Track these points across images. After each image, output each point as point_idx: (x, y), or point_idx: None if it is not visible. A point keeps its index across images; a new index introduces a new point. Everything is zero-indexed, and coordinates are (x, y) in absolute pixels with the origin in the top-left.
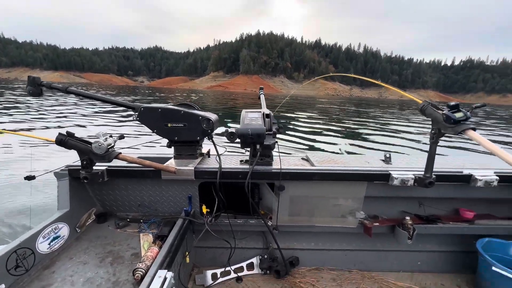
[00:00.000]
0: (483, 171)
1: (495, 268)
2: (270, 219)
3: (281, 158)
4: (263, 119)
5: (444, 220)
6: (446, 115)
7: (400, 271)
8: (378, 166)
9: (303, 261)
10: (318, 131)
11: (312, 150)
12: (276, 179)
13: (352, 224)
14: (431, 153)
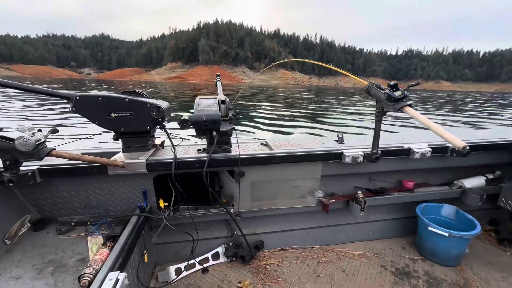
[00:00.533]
0: (419, 145)
1: (431, 228)
2: (233, 206)
3: (240, 144)
4: (218, 105)
5: (390, 191)
6: (387, 93)
7: (355, 241)
8: (332, 146)
9: (268, 244)
10: (277, 117)
11: (272, 135)
12: (235, 166)
13: (311, 203)
14: (376, 130)
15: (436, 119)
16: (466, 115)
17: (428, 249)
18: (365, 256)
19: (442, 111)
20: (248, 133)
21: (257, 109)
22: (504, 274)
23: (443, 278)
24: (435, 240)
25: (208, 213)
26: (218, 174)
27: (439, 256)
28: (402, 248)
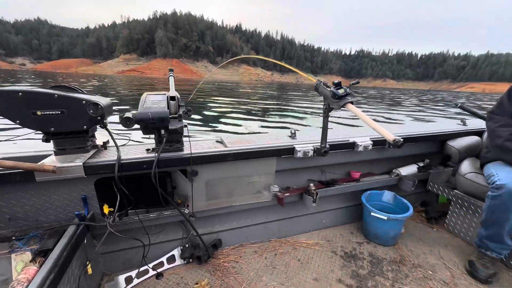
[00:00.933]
0: (362, 138)
1: (373, 213)
2: (188, 207)
3: (195, 142)
4: (167, 102)
5: (340, 182)
6: (332, 91)
7: (310, 231)
8: (285, 142)
9: (226, 241)
10: (236, 114)
11: (228, 132)
12: (187, 165)
13: (267, 198)
14: (324, 126)
15: (379, 113)
16: (405, 110)
17: (371, 232)
18: (318, 244)
19: (386, 106)
20: (204, 130)
21: (217, 106)
22: (431, 247)
23: (383, 257)
24: (377, 224)
25: (161, 216)
26: (170, 174)
27: (380, 237)
28: (351, 233)
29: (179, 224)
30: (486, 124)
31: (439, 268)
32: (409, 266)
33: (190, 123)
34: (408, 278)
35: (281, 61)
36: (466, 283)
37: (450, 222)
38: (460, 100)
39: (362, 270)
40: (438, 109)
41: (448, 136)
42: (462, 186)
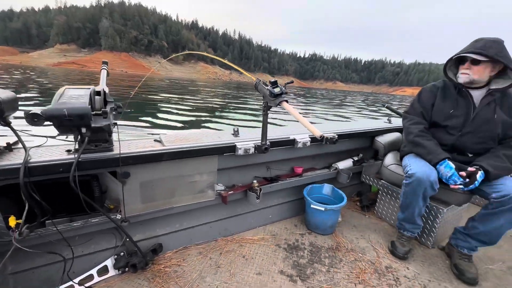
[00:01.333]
0: (301, 135)
1: (313, 205)
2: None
3: (129, 142)
4: (90, 97)
5: (284, 178)
6: (269, 90)
7: (256, 227)
8: (227, 140)
9: (169, 245)
10: (183, 112)
11: (173, 129)
12: (116, 166)
13: (211, 197)
14: (264, 123)
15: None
16: (347, 110)
17: (312, 223)
18: (263, 239)
19: (331, 106)
20: (149, 128)
21: (164, 104)
22: (362, 233)
23: (322, 245)
24: (316, 215)
25: (88, 224)
26: (98, 177)
27: (320, 227)
28: (295, 226)
29: (111, 231)
30: (402, 122)
31: (368, 250)
32: (343, 251)
33: (129, 122)
34: (342, 262)
35: (251, 65)
36: (388, 261)
37: (378, 208)
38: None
39: (303, 260)
40: (371, 109)
41: (376, 133)
42: (386, 177)
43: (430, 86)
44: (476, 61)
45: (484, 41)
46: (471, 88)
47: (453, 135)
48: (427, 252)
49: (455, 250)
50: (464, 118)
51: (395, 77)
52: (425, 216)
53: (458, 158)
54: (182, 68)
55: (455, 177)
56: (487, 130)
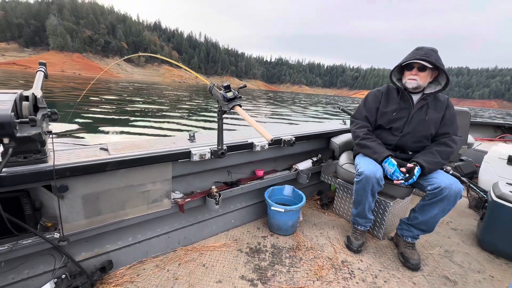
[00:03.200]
0: (259, 139)
1: (273, 207)
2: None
3: (70, 151)
4: (15, 102)
5: (245, 181)
6: (222, 94)
7: (218, 233)
8: (182, 146)
9: (121, 261)
10: (135, 117)
11: (128, 134)
12: (50, 179)
13: (167, 206)
14: (219, 127)
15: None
16: (309, 113)
17: (274, 225)
18: (225, 244)
19: (294, 109)
20: (94, 136)
21: (115, 109)
22: (322, 230)
23: (283, 246)
24: (277, 217)
25: (18, 247)
26: (28, 193)
27: (281, 228)
28: (257, 229)
29: (49, 252)
30: (349, 126)
31: (326, 247)
32: (303, 250)
33: (75, 129)
34: (301, 261)
35: (218, 69)
36: (344, 255)
37: (336, 206)
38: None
39: (264, 262)
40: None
41: (332, 134)
42: (341, 175)
43: (375, 91)
44: (422, 68)
45: (425, 50)
46: (412, 92)
47: (396, 136)
48: (378, 244)
49: (401, 240)
50: (404, 121)
51: (354, 81)
52: (375, 210)
53: (400, 156)
54: (144, 70)
55: (397, 173)
56: (421, 130)
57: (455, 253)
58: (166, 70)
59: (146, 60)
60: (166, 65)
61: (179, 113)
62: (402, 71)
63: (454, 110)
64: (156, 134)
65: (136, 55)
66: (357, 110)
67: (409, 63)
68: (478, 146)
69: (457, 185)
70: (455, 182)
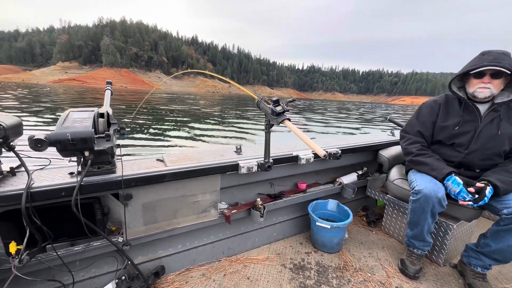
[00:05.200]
0: (304, 151)
1: (318, 223)
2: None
3: (132, 162)
4: (94, 119)
5: (288, 194)
6: (271, 108)
7: (261, 246)
8: (230, 158)
9: (172, 266)
10: (183, 129)
11: (177, 147)
12: (119, 188)
13: (214, 217)
14: (267, 141)
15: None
16: (349, 123)
17: (318, 241)
18: (268, 258)
19: (334, 118)
20: (148, 147)
21: (164, 121)
22: (370, 250)
23: (329, 265)
24: (322, 233)
25: (89, 248)
26: (100, 200)
27: (326, 245)
28: (300, 244)
29: (113, 254)
30: (400, 141)
31: (377, 269)
32: (351, 271)
33: (131, 142)
34: (350, 283)
35: (250, 78)
36: (398, 281)
37: (385, 224)
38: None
39: (309, 281)
40: (374, 122)
41: (380, 146)
42: (392, 191)
43: (431, 102)
44: (496, 74)
45: (494, 54)
46: (479, 102)
47: (460, 153)
48: (438, 271)
49: (468, 269)
50: (471, 136)
51: (393, 87)
52: (435, 232)
53: (465, 173)
54: (181, 82)
55: (464, 193)
56: (492, 147)
57: None
58: (201, 81)
59: (183, 72)
60: (201, 76)
61: (224, 123)
62: (464, 79)
63: None
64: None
65: (182, 72)
66: (409, 123)
67: (479, 71)
68: None
69: None
70: None
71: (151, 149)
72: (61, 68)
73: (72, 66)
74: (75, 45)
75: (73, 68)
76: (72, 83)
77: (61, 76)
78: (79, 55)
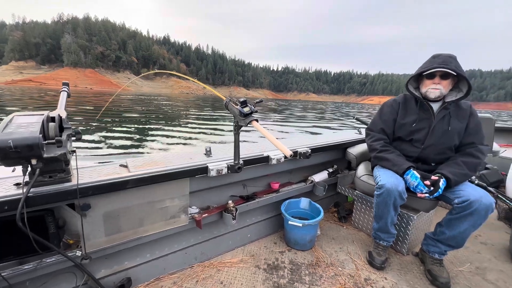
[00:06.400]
0: (275, 152)
1: (290, 222)
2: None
3: (92, 169)
4: (43, 124)
5: (261, 195)
6: (239, 109)
7: (235, 248)
8: (199, 161)
9: (139, 278)
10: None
11: (143, 153)
12: (74, 198)
13: (184, 222)
14: (236, 142)
15: (301, 127)
16: (320, 122)
17: (292, 239)
18: (243, 260)
19: (307, 119)
20: (115, 154)
21: (130, 124)
22: (341, 245)
23: (302, 262)
24: (295, 231)
25: (42, 265)
26: (53, 211)
27: (299, 243)
28: (274, 243)
29: (72, 270)
30: (365, 139)
31: (347, 263)
32: (323, 267)
33: (94, 147)
34: (322, 278)
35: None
36: (367, 273)
37: (355, 219)
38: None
39: (283, 280)
40: (342, 121)
41: (348, 144)
42: (359, 187)
43: (391, 102)
44: (445, 75)
45: (443, 57)
46: (432, 101)
47: (417, 148)
48: (402, 260)
49: (427, 256)
50: (426, 132)
51: (363, 87)
52: (398, 224)
53: (422, 167)
54: (153, 83)
55: (421, 186)
56: (445, 141)
57: (487, 270)
58: (175, 82)
59: (155, 73)
60: (174, 77)
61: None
62: (419, 80)
63: (478, 117)
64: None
65: (150, 72)
66: (373, 121)
67: (430, 72)
68: (504, 153)
69: (487, 198)
70: (485, 195)
71: (116, 154)
72: (15, 68)
73: (28, 66)
74: (31, 43)
75: (29, 68)
76: (28, 84)
77: (14, 76)
78: (36, 53)
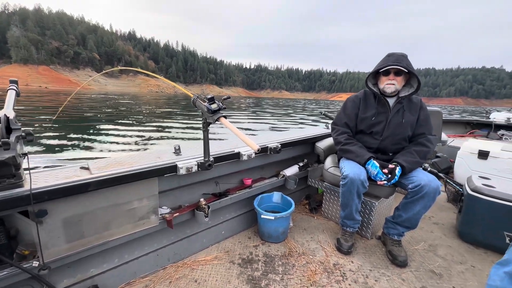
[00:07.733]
0: (246, 148)
1: (263, 215)
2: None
3: (48, 172)
4: None
5: (233, 191)
6: (207, 106)
7: (209, 246)
8: (168, 160)
9: (107, 284)
10: (120, 133)
11: (109, 154)
12: (27, 205)
13: (154, 223)
14: (205, 139)
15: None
16: (290, 119)
17: (265, 233)
18: (217, 257)
19: (277, 116)
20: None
21: (93, 124)
22: (312, 235)
23: (275, 254)
24: (268, 224)
25: None
26: (3, 220)
27: (272, 236)
28: (248, 238)
29: (29, 283)
30: (331, 133)
31: (317, 251)
32: (295, 256)
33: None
34: (294, 268)
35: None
36: (335, 258)
37: (324, 209)
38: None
39: (257, 272)
40: (311, 118)
41: (317, 139)
42: (327, 179)
43: (353, 97)
44: (398, 73)
45: (396, 56)
46: (388, 96)
47: (377, 140)
48: (367, 244)
49: (388, 238)
50: (384, 125)
51: (332, 85)
52: (362, 211)
53: (382, 157)
54: (119, 81)
55: (380, 174)
56: (400, 133)
57: (438, 246)
58: (143, 80)
59: (120, 70)
60: (142, 75)
61: (161, 125)
62: (377, 77)
63: (427, 110)
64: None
65: (116, 68)
66: (337, 116)
67: (386, 69)
68: (451, 143)
69: (435, 182)
70: (433, 180)
71: (78, 159)
72: None
73: None
74: None
75: None
76: None
77: None
78: None
